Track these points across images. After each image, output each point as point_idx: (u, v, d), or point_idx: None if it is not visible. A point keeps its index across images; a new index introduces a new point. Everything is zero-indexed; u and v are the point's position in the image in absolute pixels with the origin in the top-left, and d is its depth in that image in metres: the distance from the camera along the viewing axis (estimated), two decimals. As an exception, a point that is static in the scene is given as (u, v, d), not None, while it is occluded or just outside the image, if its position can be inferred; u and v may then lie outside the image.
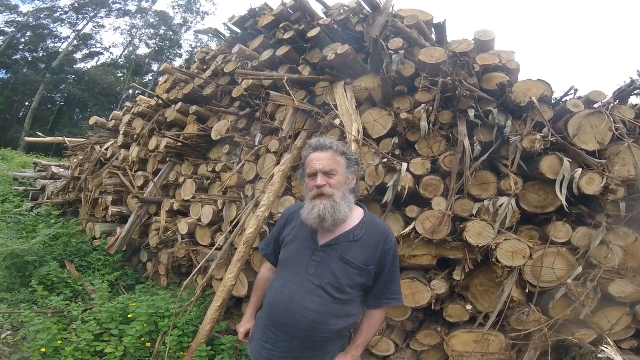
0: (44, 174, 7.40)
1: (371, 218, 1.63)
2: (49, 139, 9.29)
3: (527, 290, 2.30)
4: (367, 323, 1.62)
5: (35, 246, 3.72)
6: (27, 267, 3.58)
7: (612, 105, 2.38)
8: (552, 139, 2.28)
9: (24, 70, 24.78)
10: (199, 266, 3.05)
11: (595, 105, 2.42)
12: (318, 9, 3.73)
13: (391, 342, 2.52)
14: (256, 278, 1.87)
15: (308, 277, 1.50)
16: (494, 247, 2.20)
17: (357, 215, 1.60)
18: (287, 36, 3.50)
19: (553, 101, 2.59)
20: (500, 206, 2.26)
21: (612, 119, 2.27)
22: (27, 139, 11.63)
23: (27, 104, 25.65)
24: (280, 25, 3.61)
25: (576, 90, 2.51)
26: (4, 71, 25.72)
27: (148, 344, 2.69)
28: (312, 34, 3.26)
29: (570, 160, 2.22)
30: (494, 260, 2.21)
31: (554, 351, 2.24)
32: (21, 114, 25.87)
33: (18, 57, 25.96)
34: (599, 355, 2.14)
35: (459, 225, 2.36)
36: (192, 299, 2.91)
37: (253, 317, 1.79)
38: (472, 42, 2.78)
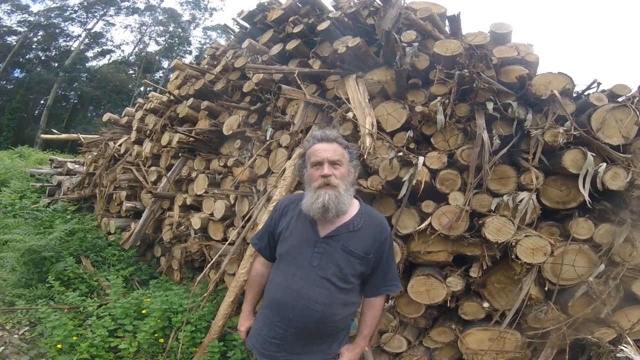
0: (59, 170, 7.53)
1: (367, 209, 1.67)
2: (64, 135, 9.46)
3: (545, 288, 2.23)
4: (370, 312, 1.64)
5: (52, 242, 3.77)
6: (44, 263, 3.64)
7: (638, 99, 2.28)
8: (575, 133, 2.20)
9: (38, 69, 25.29)
10: (211, 261, 3.06)
11: (620, 99, 2.32)
12: (327, 2, 3.69)
13: (403, 339, 2.49)
14: (250, 274, 1.85)
15: (312, 269, 1.51)
16: (513, 244, 2.14)
17: (354, 206, 1.64)
18: (296, 30, 3.47)
19: (574, 94, 2.50)
20: (520, 201, 2.19)
21: (637, 113, 2.18)
22: (42, 136, 11.90)
23: (42, 102, 26.22)
24: (290, 19, 3.58)
25: (599, 84, 2.41)
26: (19, 70, 26.32)
27: (161, 340, 2.72)
28: (322, 27, 3.22)
29: (594, 154, 2.14)
30: (513, 257, 2.15)
31: (570, 350, 2.19)
32: (37, 111, 26.46)
33: (31, 56, 26.49)
34: (618, 355, 2.08)
35: (476, 220, 2.30)
36: (205, 294, 2.92)
37: (252, 314, 1.79)
38: (488, 35, 2.70)
